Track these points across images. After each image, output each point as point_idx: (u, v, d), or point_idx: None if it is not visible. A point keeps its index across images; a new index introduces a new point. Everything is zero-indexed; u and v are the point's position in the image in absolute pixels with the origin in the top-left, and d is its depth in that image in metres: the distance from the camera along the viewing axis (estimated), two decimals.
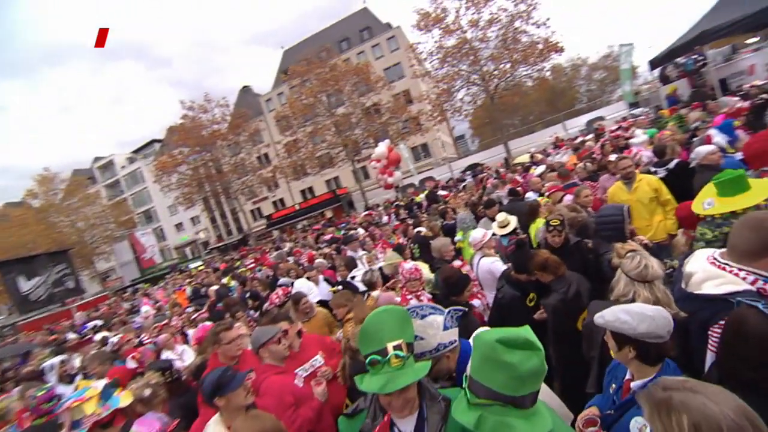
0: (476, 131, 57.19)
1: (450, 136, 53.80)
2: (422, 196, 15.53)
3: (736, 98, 8.58)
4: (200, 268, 26.46)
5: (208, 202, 45.63)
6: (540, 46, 20.37)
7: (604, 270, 2.71)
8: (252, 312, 6.43)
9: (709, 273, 1.70)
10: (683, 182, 4.51)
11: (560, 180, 5.80)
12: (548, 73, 25.47)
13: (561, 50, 20.56)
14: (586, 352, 2.08)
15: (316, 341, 2.97)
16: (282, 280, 7.17)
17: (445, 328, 1.69)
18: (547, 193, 5.28)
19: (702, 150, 4.28)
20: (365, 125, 27.55)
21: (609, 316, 1.53)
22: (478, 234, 4.18)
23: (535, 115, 47.04)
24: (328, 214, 31.66)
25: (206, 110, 31.19)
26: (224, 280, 13.19)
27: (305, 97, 27.37)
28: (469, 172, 20.34)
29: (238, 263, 19.50)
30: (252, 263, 15.76)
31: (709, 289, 1.67)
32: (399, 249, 6.38)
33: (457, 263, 4.03)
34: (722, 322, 1.54)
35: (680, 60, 13.16)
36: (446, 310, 1.75)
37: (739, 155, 4.80)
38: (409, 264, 3.58)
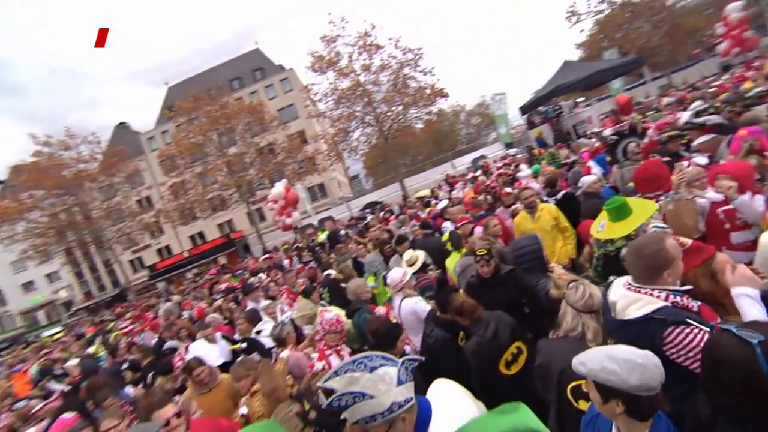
0: (370, 170, 59.54)
1: (345, 176, 54.93)
2: (323, 236, 15.04)
3: (593, 140, 10.20)
4: (57, 336, 21.75)
5: (72, 254, 38.54)
6: (428, 92, 22.27)
7: (541, 301, 2.67)
8: (131, 389, 5.16)
9: (628, 298, 1.77)
10: (571, 209, 5.03)
11: (471, 211, 5.99)
12: (435, 117, 27.79)
13: (446, 96, 22.71)
14: (543, 395, 1.92)
15: (208, 428, 2.39)
16: (169, 344, 6.07)
17: (400, 382, 1.34)
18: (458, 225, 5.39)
19: (587, 180, 4.81)
20: (260, 165, 26.44)
21: (592, 363, 1.32)
22: (396, 274, 3.88)
23: (424, 154, 50.98)
24: (222, 260, 29.05)
25: (69, 147, 27.17)
26: (91, 350, 10.81)
27: (193, 135, 25.43)
28: (368, 210, 20.62)
29: (111, 325, 16.42)
30: (128, 325, 13.24)
31: (634, 312, 1.72)
32: (306, 293, 5.85)
33: (381, 310, 3.72)
34: (667, 340, 1.59)
35: (542, 108, 15.55)
36: (399, 361, 1.42)
37: (608, 185, 5.61)
38: (330, 313, 3.15)
